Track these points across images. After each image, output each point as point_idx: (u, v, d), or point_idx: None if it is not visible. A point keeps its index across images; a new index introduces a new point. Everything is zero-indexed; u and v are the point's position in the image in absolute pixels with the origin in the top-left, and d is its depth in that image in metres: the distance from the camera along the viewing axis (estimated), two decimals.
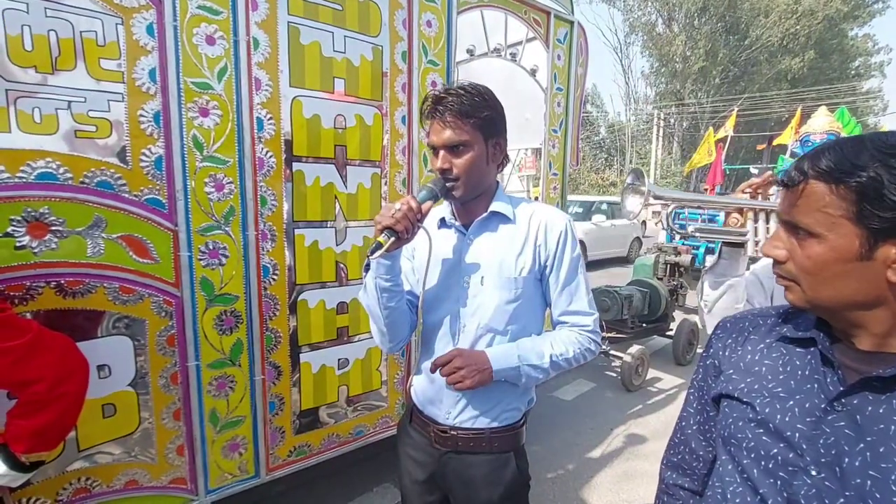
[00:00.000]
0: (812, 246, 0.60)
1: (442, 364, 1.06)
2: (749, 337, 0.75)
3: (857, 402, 0.59)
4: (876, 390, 0.58)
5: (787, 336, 0.70)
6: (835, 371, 0.62)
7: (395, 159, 2.06)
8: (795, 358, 0.68)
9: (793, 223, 0.62)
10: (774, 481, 0.62)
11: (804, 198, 0.60)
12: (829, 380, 0.62)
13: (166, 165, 1.52)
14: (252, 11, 1.62)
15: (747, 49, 27.00)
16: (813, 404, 0.62)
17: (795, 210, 0.61)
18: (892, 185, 0.54)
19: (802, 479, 0.60)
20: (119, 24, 1.40)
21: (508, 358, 1.08)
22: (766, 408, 0.65)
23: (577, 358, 1.14)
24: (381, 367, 2.17)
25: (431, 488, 1.22)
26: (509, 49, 2.71)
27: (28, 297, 1.33)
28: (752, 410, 0.67)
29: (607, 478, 2.73)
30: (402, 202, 0.99)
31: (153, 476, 1.61)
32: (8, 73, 1.26)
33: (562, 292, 1.14)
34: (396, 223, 0.97)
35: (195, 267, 1.60)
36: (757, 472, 0.64)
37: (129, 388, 1.53)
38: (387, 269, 1.06)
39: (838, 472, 0.58)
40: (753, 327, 0.76)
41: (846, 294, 0.59)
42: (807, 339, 0.67)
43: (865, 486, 0.55)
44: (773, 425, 0.64)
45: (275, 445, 1.88)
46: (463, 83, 1.09)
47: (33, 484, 1.39)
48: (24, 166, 1.30)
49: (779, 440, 0.63)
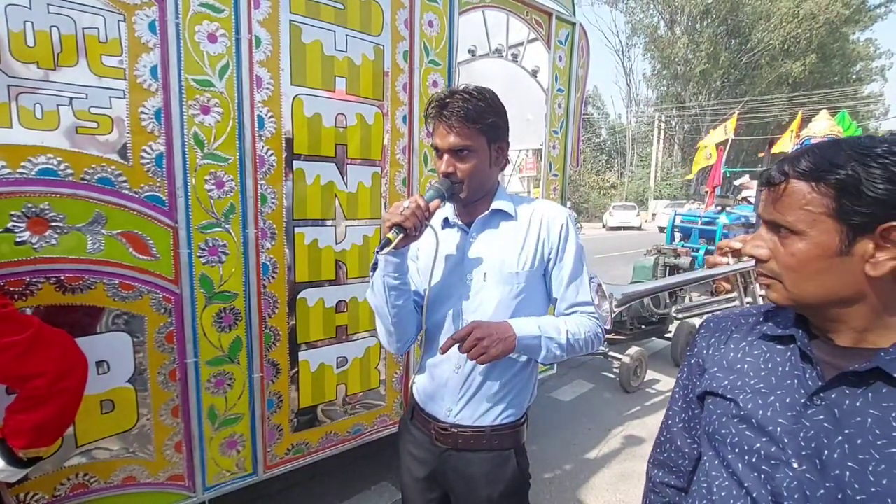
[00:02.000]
0: (795, 243, 0.61)
1: (461, 339, 1.01)
2: (731, 335, 0.77)
3: (834, 396, 0.61)
4: (853, 384, 0.60)
5: (768, 334, 0.72)
6: (813, 367, 0.64)
7: (396, 158, 2.07)
8: (776, 355, 0.70)
9: (775, 222, 0.63)
10: (758, 475, 0.64)
11: (786, 196, 0.62)
12: (808, 375, 0.64)
13: (167, 162, 1.52)
14: (254, 9, 1.62)
15: (749, 52, 27.05)
16: (793, 399, 0.64)
17: (777, 209, 0.63)
18: (868, 181, 0.56)
19: (784, 471, 0.62)
20: (121, 20, 1.40)
21: (530, 327, 1.07)
22: (749, 403, 0.67)
23: (588, 342, 1.14)
24: (380, 366, 2.17)
25: (432, 486, 1.23)
26: (511, 50, 2.71)
27: (28, 292, 1.34)
28: (736, 406, 0.69)
29: (604, 478, 2.73)
30: (411, 200, 1.01)
31: (151, 472, 1.62)
32: (10, 68, 1.26)
33: (569, 286, 1.15)
34: (405, 220, 0.99)
35: (195, 264, 1.60)
36: (741, 466, 0.66)
37: (127, 384, 1.53)
38: (395, 267, 1.07)
39: (818, 465, 0.59)
40: (736, 326, 0.78)
41: (828, 289, 0.61)
42: (786, 337, 0.69)
43: (844, 477, 0.57)
44: (756, 420, 0.66)
45: (272, 443, 1.88)
46: (468, 86, 1.10)
47: (31, 479, 1.39)
48: (24, 162, 1.30)
49: (761, 435, 0.65)
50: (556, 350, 1.09)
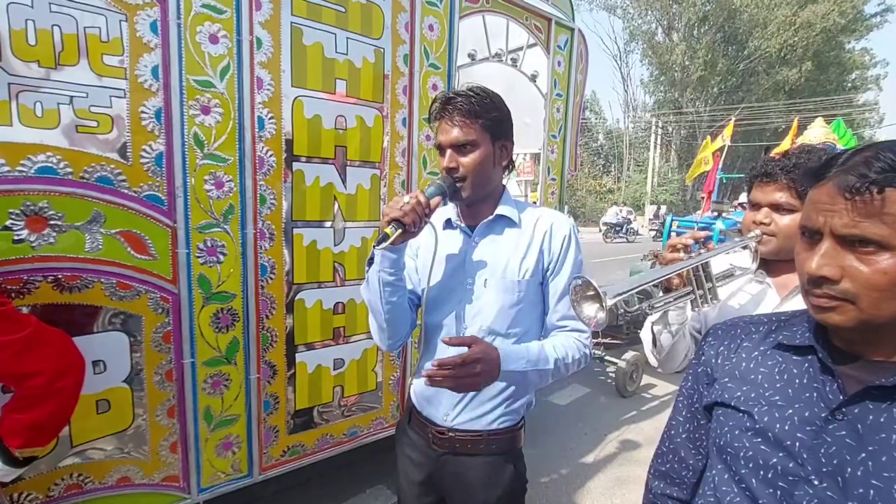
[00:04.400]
0: (884, 259, 0.55)
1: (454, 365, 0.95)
2: (742, 344, 0.74)
3: (857, 411, 0.59)
4: (877, 399, 0.58)
5: (784, 343, 0.69)
6: (834, 379, 0.62)
7: (395, 161, 2.07)
8: (792, 366, 0.67)
9: (863, 237, 0.56)
10: (774, 491, 0.62)
11: (885, 208, 0.54)
12: (828, 388, 0.62)
13: (166, 162, 1.52)
14: (256, 11, 1.63)
15: (746, 59, 27.24)
16: (813, 413, 0.61)
17: (870, 221, 0.55)
18: None
19: (804, 488, 0.59)
20: (123, 20, 1.40)
21: (517, 361, 1.04)
22: (765, 416, 0.65)
23: (576, 363, 1.13)
24: (377, 369, 2.17)
25: (428, 490, 1.22)
26: (510, 54, 2.73)
27: (25, 290, 1.33)
28: (750, 419, 0.66)
29: (600, 483, 2.73)
30: (411, 196, 1.00)
31: (146, 473, 1.61)
32: (11, 66, 1.26)
33: (562, 298, 1.13)
34: (404, 216, 0.97)
35: (193, 264, 1.60)
36: (756, 481, 0.64)
37: (123, 384, 1.53)
38: (391, 263, 1.06)
39: (840, 482, 0.57)
40: (746, 334, 0.75)
41: None
42: (804, 347, 0.66)
43: (868, 496, 0.55)
44: (773, 434, 0.63)
45: (268, 445, 1.87)
46: (472, 85, 1.10)
47: (25, 479, 1.38)
48: (24, 160, 1.30)
49: (778, 449, 0.62)
50: (539, 379, 1.08)
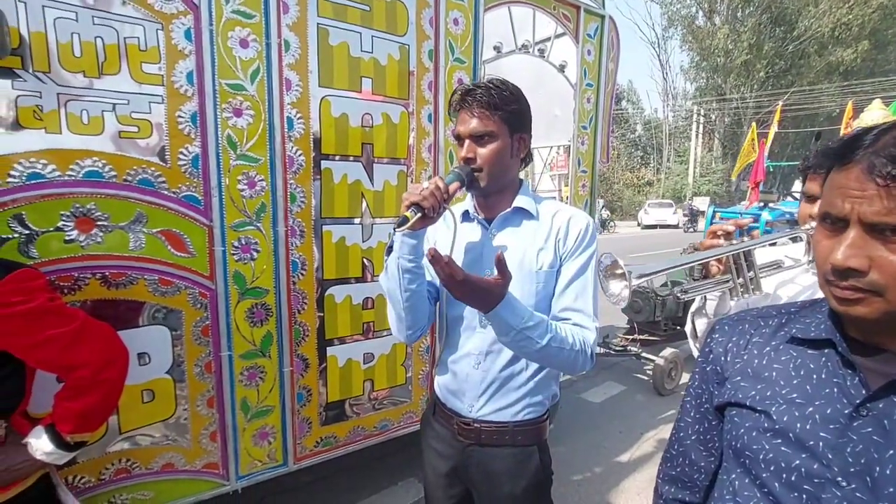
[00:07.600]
0: None
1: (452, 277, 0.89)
2: (751, 339, 0.71)
3: (882, 406, 0.56)
4: None
5: (798, 337, 0.66)
6: (856, 373, 0.59)
7: (421, 157, 2.08)
8: (808, 361, 0.64)
9: (891, 225, 0.53)
10: (800, 495, 0.59)
11: None
12: (849, 383, 0.59)
13: (202, 164, 1.59)
14: (283, 14, 1.67)
15: (795, 41, 25.70)
16: (835, 410, 0.59)
17: None
18: None
19: (832, 490, 0.57)
20: (159, 29, 1.47)
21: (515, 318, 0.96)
22: (784, 416, 0.62)
23: (568, 357, 1.03)
24: (406, 363, 2.19)
25: (454, 481, 1.23)
26: (537, 45, 2.67)
27: (76, 287, 1.43)
28: (768, 419, 0.63)
29: (636, 482, 2.66)
30: (431, 181, 1.01)
31: (188, 460, 1.69)
32: (59, 77, 1.35)
33: (567, 287, 1.10)
34: (423, 200, 0.98)
35: (228, 261, 1.67)
36: (779, 485, 0.61)
37: (166, 375, 1.61)
38: (410, 249, 1.06)
39: (869, 482, 0.54)
40: (755, 329, 0.72)
41: None
42: (820, 341, 0.63)
43: None
44: (794, 435, 0.60)
45: (302, 435, 1.93)
46: (492, 78, 1.10)
47: (78, 463, 1.48)
48: (73, 165, 1.39)
49: (801, 450, 0.59)
50: (526, 346, 0.99)
